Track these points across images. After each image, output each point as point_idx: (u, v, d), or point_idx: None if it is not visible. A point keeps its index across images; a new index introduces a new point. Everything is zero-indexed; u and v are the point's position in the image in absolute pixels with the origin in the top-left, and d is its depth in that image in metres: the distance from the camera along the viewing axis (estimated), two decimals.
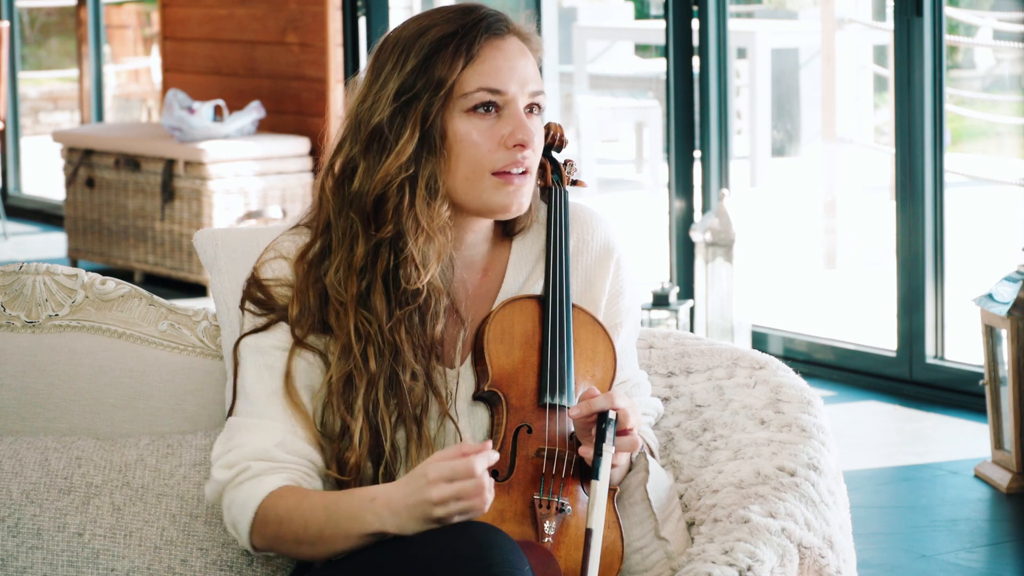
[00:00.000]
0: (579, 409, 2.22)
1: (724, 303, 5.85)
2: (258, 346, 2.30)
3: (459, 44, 2.26)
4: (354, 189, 2.28)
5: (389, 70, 2.28)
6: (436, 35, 2.27)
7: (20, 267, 2.58)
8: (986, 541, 4.41)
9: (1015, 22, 8.95)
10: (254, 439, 2.25)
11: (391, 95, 2.26)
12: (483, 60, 2.26)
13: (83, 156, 7.96)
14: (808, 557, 2.28)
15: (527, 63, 2.30)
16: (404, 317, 2.27)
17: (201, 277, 7.40)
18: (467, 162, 2.27)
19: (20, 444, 2.50)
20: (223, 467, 2.26)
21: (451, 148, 2.27)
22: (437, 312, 2.29)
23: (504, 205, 2.29)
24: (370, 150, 2.28)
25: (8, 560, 2.42)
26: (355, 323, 2.26)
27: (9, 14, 10.06)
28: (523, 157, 2.28)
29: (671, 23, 6.38)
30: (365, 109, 2.29)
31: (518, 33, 2.31)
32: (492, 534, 2.08)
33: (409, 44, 2.28)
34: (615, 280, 2.42)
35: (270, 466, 2.25)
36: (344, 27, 7.57)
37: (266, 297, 2.31)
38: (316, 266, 2.30)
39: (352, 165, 2.29)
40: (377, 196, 2.26)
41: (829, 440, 2.46)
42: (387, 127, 2.26)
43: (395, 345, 2.26)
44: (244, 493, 2.23)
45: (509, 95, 2.27)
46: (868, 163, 7.97)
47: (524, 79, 2.28)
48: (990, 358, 4.80)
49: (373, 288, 2.27)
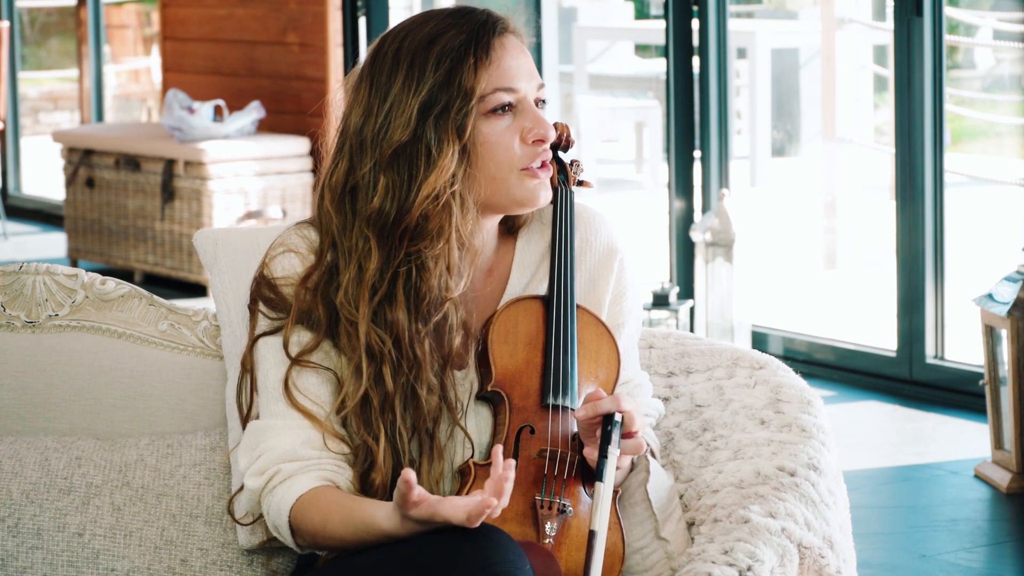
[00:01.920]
0: (585, 411, 2.22)
1: (724, 303, 5.85)
2: (277, 345, 2.29)
3: (477, 51, 2.26)
4: (374, 207, 2.26)
5: (401, 84, 2.26)
6: (452, 44, 2.26)
7: (20, 267, 2.58)
8: (986, 541, 4.41)
9: (1015, 22, 8.95)
10: (280, 441, 2.25)
11: (415, 111, 2.25)
12: (496, 62, 2.28)
13: (83, 156, 7.96)
14: (808, 557, 2.28)
15: (528, 58, 2.32)
16: (428, 331, 2.26)
17: (201, 277, 7.40)
18: (494, 163, 2.28)
19: (20, 444, 2.50)
20: (254, 475, 2.26)
21: (477, 152, 2.28)
22: (454, 324, 2.28)
23: (532, 198, 2.30)
24: (392, 167, 2.25)
25: (8, 560, 2.42)
26: (368, 341, 2.25)
27: (9, 14, 10.06)
28: (543, 150, 2.30)
29: (671, 23, 6.38)
30: (376, 126, 2.27)
31: (515, 31, 2.33)
32: (493, 534, 2.08)
33: (420, 56, 2.26)
34: (619, 280, 2.43)
35: (300, 466, 2.25)
36: (344, 27, 7.57)
37: (278, 297, 2.30)
38: (324, 288, 2.29)
39: (364, 182, 2.27)
40: (423, 213, 2.25)
41: (829, 440, 2.46)
42: (420, 143, 2.25)
43: (415, 360, 2.26)
44: (277, 498, 2.24)
45: (522, 93, 2.29)
46: (868, 163, 7.97)
47: (531, 75, 2.30)
48: (990, 358, 4.80)
49: (393, 303, 2.26)
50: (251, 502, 2.29)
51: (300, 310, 2.28)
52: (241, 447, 2.29)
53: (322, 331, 2.28)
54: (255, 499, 2.28)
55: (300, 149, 7.55)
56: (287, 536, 2.26)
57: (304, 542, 2.25)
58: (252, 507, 2.30)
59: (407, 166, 2.26)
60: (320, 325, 2.28)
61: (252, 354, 2.31)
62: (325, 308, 2.28)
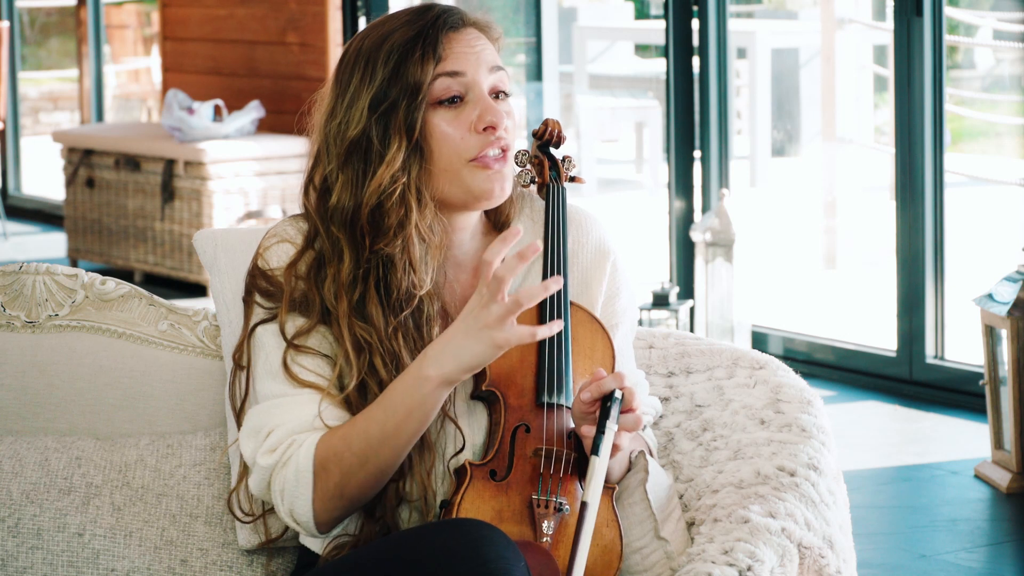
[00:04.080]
0: (590, 392, 2.21)
1: (724, 303, 5.85)
2: (274, 330, 2.29)
3: (424, 46, 2.27)
4: (332, 204, 2.28)
5: (358, 82, 2.28)
6: (400, 40, 2.27)
7: (20, 267, 2.58)
8: (986, 541, 4.41)
9: (1015, 22, 8.95)
10: (290, 417, 2.25)
11: (365, 107, 2.27)
12: (444, 56, 2.28)
13: (83, 156, 7.96)
14: (808, 557, 2.28)
15: (484, 46, 2.31)
16: (400, 324, 2.27)
17: (201, 277, 7.40)
18: (443, 155, 2.27)
19: (20, 444, 2.50)
20: (266, 452, 2.24)
21: (428, 145, 2.28)
22: (431, 315, 2.29)
23: (486, 191, 2.29)
24: (349, 164, 2.28)
25: (8, 560, 2.42)
26: (355, 335, 2.26)
27: (9, 14, 10.06)
28: (495, 139, 2.28)
29: (671, 23, 6.38)
30: (336, 124, 2.29)
31: (475, 23, 2.32)
32: (487, 531, 2.08)
33: (374, 54, 2.28)
34: (611, 281, 2.42)
35: (311, 434, 2.24)
36: (344, 27, 7.57)
37: (274, 287, 2.30)
38: (315, 276, 2.29)
39: (330, 180, 2.29)
40: (372, 209, 2.26)
41: (829, 440, 2.46)
42: (369, 139, 2.27)
43: (395, 353, 2.26)
44: (293, 464, 2.22)
45: (468, 77, 2.28)
46: (868, 163, 7.97)
47: (480, 60, 2.29)
48: (990, 358, 4.80)
49: (367, 298, 2.27)
50: (261, 483, 2.25)
51: (293, 296, 2.29)
52: (244, 433, 2.27)
53: (316, 316, 2.28)
54: (266, 478, 2.24)
55: (300, 149, 7.55)
56: (306, 506, 2.21)
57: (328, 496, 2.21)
58: (262, 490, 2.26)
59: (361, 162, 2.27)
60: (314, 310, 2.28)
61: (250, 343, 2.31)
62: (318, 296, 2.29)
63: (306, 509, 2.23)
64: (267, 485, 2.26)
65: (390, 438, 2.20)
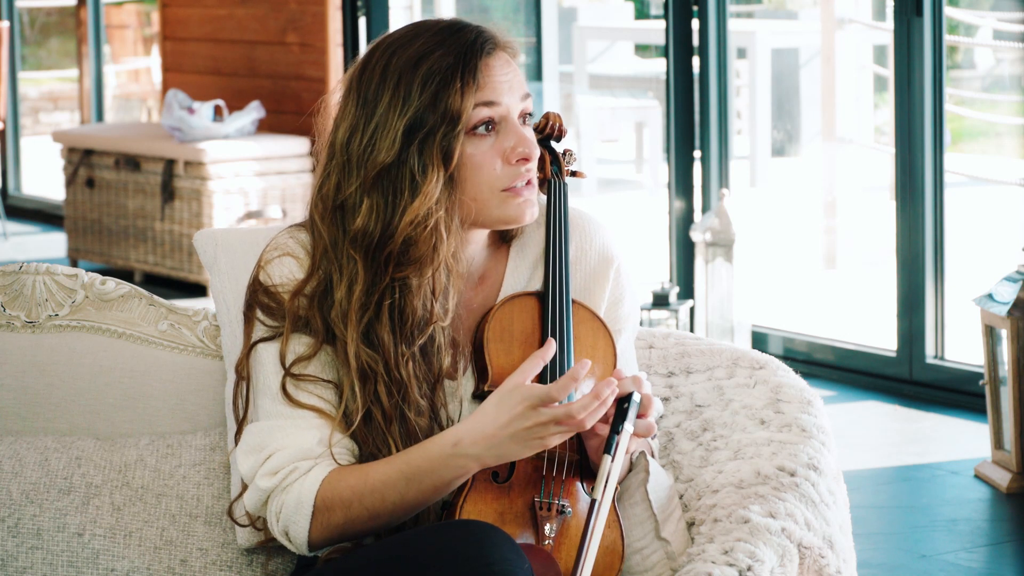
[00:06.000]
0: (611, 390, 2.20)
1: (724, 303, 5.85)
2: (276, 352, 2.26)
3: (464, 75, 2.22)
4: (356, 227, 2.23)
5: (388, 103, 2.22)
6: (439, 65, 2.22)
7: (20, 267, 2.58)
8: (986, 541, 4.40)
9: (1015, 22, 8.94)
10: (292, 440, 2.23)
11: (400, 133, 2.21)
12: (483, 85, 2.24)
13: (83, 156, 7.96)
14: (808, 557, 2.28)
15: (515, 72, 2.27)
16: (411, 353, 2.24)
17: (201, 277, 7.40)
18: (475, 184, 2.24)
19: (20, 444, 2.50)
20: (266, 475, 2.22)
21: (460, 174, 2.24)
22: (442, 344, 2.26)
23: (517, 217, 2.27)
24: (377, 189, 2.23)
25: (8, 560, 2.42)
26: (360, 363, 2.23)
27: (9, 14, 10.06)
28: (527, 170, 2.26)
29: (671, 23, 6.38)
30: (362, 144, 2.23)
31: (504, 46, 2.28)
32: (491, 532, 2.08)
33: (407, 75, 2.23)
34: (615, 288, 2.40)
35: (315, 462, 2.22)
36: (344, 27, 7.57)
37: (276, 304, 2.27)
38: (320, 299, 2.26)
39: (351, 201, 2.24)
40: (407, 238, 2.21)
41: (829, 440, 2.46)
42: (402, 167, 2.21)
43: (402, 382, 2.23)
44: (295, 492, 2.20)
45: (503, 106, 2.24)
46: (868, 163, 7.97)
47: (513, 88, 2.26)
48: (990, 358, 4.80)
49: (378, 324, 2.23)
50: (258, 503, 2.24)
51: (297, 318, 2.26)
52: (242, 449, 2.26)
53: (320, 339, 2.26)
54: (263, 499, 2.24)
55: (300, 149, 7.55)
56: (302, 533, 2.21)
57: (325, 533, 2.21)
58: (257, 508, 2.25)
59: (391, 189, 2.22)
60: (319, 333, 2.26)
61: (249, 359, 2.29)
62: (322, 319, 2.25)
63: (302, 535, 2.23)
64: (263, 505, 2.25)
65: (409, 505, 2.19)
